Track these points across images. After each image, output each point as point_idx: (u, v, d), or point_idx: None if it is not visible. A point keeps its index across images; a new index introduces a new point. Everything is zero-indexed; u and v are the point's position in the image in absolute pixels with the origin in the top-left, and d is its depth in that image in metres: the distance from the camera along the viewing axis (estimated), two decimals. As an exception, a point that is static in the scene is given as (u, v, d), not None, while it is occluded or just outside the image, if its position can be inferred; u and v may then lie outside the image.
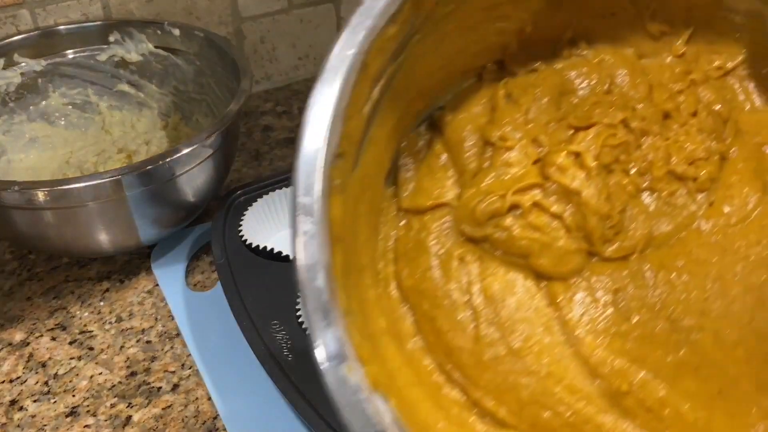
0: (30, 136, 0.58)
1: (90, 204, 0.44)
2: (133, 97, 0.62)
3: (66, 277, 0.52)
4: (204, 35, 0.58)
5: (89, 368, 0.45)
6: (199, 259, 0.54)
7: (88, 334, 0.48)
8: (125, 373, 0.45)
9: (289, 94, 0.75)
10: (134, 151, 0.58)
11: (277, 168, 0.63)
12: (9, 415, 0.42)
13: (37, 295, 0.50)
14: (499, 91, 0.32)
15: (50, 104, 0.60)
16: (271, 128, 0.69)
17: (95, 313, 0.49)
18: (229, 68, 0.56)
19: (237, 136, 0.55)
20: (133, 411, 0.43)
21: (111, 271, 0.52)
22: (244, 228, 0.50)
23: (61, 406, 0.43)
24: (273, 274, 0.47)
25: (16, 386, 0.44)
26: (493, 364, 0.30)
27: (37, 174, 0.57)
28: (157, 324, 0.48)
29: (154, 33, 0.60)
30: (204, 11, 0.67)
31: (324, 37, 0.76)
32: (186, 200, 0.49)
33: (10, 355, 0.46)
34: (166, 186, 0.46)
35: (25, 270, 0.53)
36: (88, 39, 0.59)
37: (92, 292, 0.51)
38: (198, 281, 0.52)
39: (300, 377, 0.40)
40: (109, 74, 0.61)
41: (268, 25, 0.71)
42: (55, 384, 0.44)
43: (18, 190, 0.42)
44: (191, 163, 0.47)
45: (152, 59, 0.61)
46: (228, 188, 0.57)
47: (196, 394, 0.44)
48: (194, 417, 0.42)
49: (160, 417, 0.42)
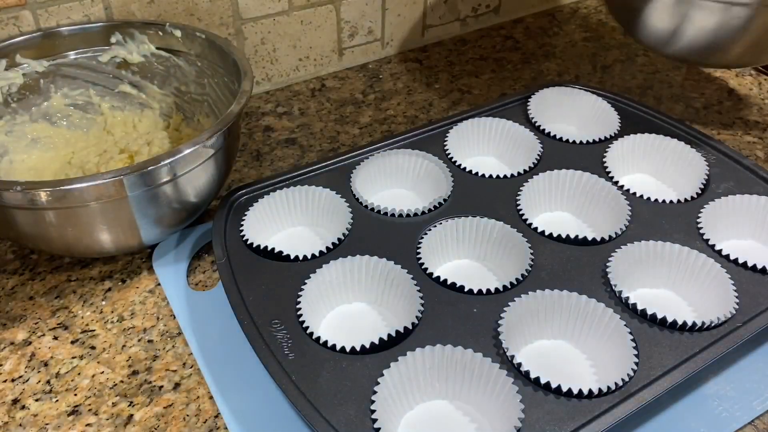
0: (32, 137, 0.59)
1: (92, 204, 0.44)
2: (134, 98, 0.63)
3: (68, 277, 0.52)
4: (205, 36, 0.58)
5: (91, 367, 0.45)
6: (201, 258, 0.54)
7: (89, 334, 0.48)
8: (127, 372, 0.45)
9: (289, 94, 0.75)
10: (136, 152, 0.58)
11: (277, 168, 0.64)
12: (11, 414, 0.43)
13: (39, 295, 0.51)
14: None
15: (52, 105, 0.60)
16: (272, 129, 0.70)
17: (97, 313, 0.49)
18: (230, 69, 0.56)
19: (238, 137, 0.55)
20: (134, 410, 0.43)
21: (113, 270, 0.53)
22: (246, 228, 0.51)
23: (63, 405, 0.43)
24: (274, 273, 0.47)
25: (18, 385, 0.44)
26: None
27: (39, 174, 0.57)
28: (159, 323, 0.49)
29: (156, 34, 0.60)
30: (205, 12, 0.67)
31: (324, 38, 0.76)
32: (187, 200, 0.49)
33: (12, 354, 0.46)
34: (168, 186, 0.47)
35: (27, 270, 0.53)
36: (90, 40, 0.59)
37: (94, 291, 0.51)
38: (199, 281, 0.52)
39: (300, 376, 0.40)
40: (111, 75, 0.61)
41: (268, 27, 0.72)
42: (57, 383, 0.45)
43: (20, 191, 0.42)
44: (193, 163, 0.47)
45: (154, 60, 0.61)
46: (229, 188, 0.57)
47: (198, 393, 0.44)
48: (195, 416, 0.43)
49: (161, 416, 0.43)
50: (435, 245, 0.50)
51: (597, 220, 0.54)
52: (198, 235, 0.55)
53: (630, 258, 0.48)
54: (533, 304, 0.44)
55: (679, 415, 0.42)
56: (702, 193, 0.55)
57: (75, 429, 0.42)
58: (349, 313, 0.47)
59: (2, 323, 0.49)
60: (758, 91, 0.76)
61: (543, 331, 0.45)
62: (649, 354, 0.42)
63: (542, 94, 0.65)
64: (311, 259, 0.49)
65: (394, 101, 0.74)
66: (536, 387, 0.40)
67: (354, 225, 0.51)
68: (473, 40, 0.87)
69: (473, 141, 0.62)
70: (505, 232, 0.50)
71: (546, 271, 0.48)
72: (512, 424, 0.38)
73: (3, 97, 0.57)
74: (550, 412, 0.39)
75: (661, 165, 0.59)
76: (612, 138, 0.61)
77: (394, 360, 0.40)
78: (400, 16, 0.81)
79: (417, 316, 0.44)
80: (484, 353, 0.41)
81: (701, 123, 0.71)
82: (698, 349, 0.42)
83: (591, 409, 0.39)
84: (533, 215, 0.54)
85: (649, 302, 0.46)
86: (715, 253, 0.49)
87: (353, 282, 0.47)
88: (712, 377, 0.44)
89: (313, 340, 0.43)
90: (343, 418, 0.38)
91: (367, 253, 0.48)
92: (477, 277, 0.50)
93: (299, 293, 0.45)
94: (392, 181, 0.58)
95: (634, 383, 0.40)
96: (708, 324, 0.43)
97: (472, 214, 0.51)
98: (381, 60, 0.82)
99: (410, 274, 0.46)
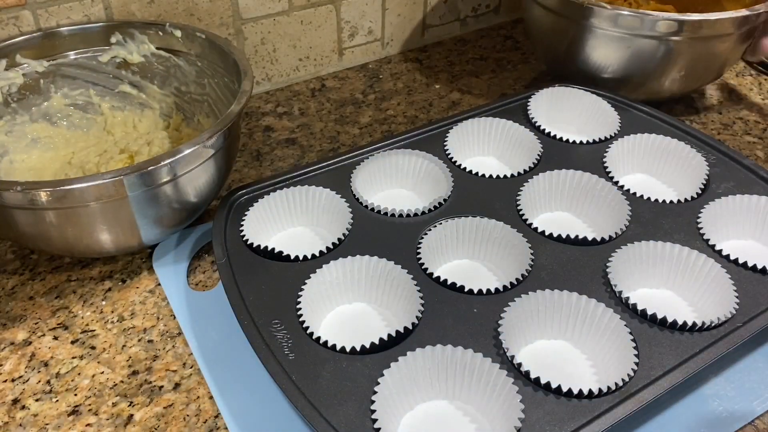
0: (32, 137, 0.59)
1: (92, 204, 0.44)
2: (134, 98, 0.63)
3: (68, 277, 0.52)
4: (205, 36, 0.58)
5: (91, 367, 0.46)
6: (201, 258, 0.54)
7: (90, 334, 0.48)
8: (127, 372, 0.45)
9: (289, 94, 0.75)
10: (136, 152, 0.58)
11: (278, 168, 0.64)
12: (11, 414, 0.43)
13: (40, 295, 0.51)
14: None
15: (52, 105, 0.60)
16: (272, 129, 0.70)
17: (97, 313, 0.49)
18: (230, 69, 0.56)
19: (238, 137, 0.55)
20: (134, 410, 0.43)
21: (113, 270, 0.53)
22: (246, 228, 0.51)
23: (63, 405, 0.43)
24: (274, 273, 0.47)
25: (19, 385, 0.44)
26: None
27: (39, 174, 0.57)
28: (159, 323, 0.49)
29: (156, 34, 0.60)
30: (205, 13, 0.67)
31: (324, 38, 0.76)
32: (187, 200, 0.49)
33: (12, 355, 0.46)
34: (168, 186, 0.47)
35: (27, 270, 0.53)
36: (90, 40, 0.59)
37: (94, 291, 0.51)
38: (199, 281, 0.52)
39: (301, 376, 0.40)
40: (111, 75, 0.61)
41: (268, 27, 0.72)
42: (57, 383, 0.45)
43: (20, 191, 0.42)
44: (193, 163, 0.47)
45: (154, 60, 0.61)
46: (229, 188, 0.57)
47: (198, 393, 0.44)
48: (196, 416, 0.43)
49: (161, 416, 0.43)
50: (435, 245, 0.50)
51: (597, 220, 0.54)
52: (198, 235, 0.55)
53: (630, 258, 0.48)
54: (533, 304, 0.44)
55: (679, 415, 0.42)
56: (702, 193, 0.55)
57: (75, 429, 0.42)
58: (349, 313, 0.47)
59: (2, 323, 0.49)
60: (758, 91, 0.76)
61: (543, 331, 0.45)
62: (649, 354, 0.42)
63: (542, 94, 0.65)
64: (311, 259, 0.49)
65: (394, 101, 0.74)
66: (536, 387, 0.40)
67: (354, 225, 0.51)
68: (473, 40, 0.87)
69: (473, 141, 0.62)
70: (505, 232, 0.50)
71: (546, 271, 0.48)
72: (512, 424, 0.38)
73: (3, 97, 0.57)
74: (550, 412, 0.39)
75: (661, 165, 0.59)
76: (612, 138, 0.61)
77: (394, 360, 0.40)
78: (400, 16, 0.81)
79: (417, 316, 0.44)
80: (484, 353, 0.41)
81: (701, 123, 0.71)
82: (698, 350, 0.42)
83: (591, 409, 0.39)
84: (533, 215, 0.54)
85: (649, 302, 0.46)
86: (715, 253, 0.49)
87: (353, 282, 0.47)
88: (712, 377, 0.44)
89: (313, 340, 0.43)
90: (343, 418, 0.38)
91: (367, 254, 0.48)
92: (477, 277, 0.50)
93: (299, 293, 0.45)
94: (392, 181, 0.58)
95: (634, 383, 0.40)
96: (708, 324, 0.43)
97: (472, 214, 0.51)
98: (381, 60, 0.82)
99: (410, 274, 0.46)
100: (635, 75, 0.65)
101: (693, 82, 0.67)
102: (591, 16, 0.62)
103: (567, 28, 0.65)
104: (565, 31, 0.66)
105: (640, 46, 0.62)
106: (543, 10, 0.67)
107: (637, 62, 0.64)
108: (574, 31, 0.65)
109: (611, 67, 0.65)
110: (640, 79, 0.65)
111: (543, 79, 0.78)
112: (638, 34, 0.61)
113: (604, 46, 0.64)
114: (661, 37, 0.61)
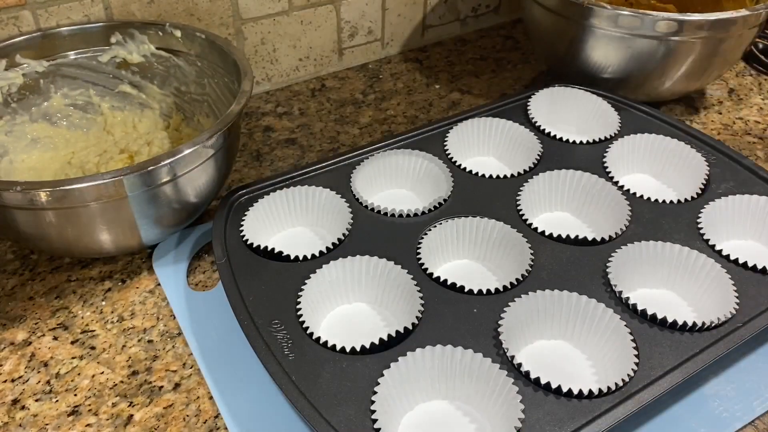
0: (32, 137, 0.59)
1: (92, 204, 0.44)
2: (134, 98, 0.63)
3: (68, 277, 0.52)
4: (205, 36, 0.58)
5: (91, 367, 0.45)
6: (201, 258, 0.54)
7: (89, 334, 0.48)
8: (127, 372, 0.45)
9: (289, 95, 0.75)
10: (136, 152, 0.58)
11: (277, 168, 0.64)
12: (11, 415, 0.43)
13: (39, 295, 0.51)
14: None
15: (52, 105, 0.60)
16: (272, 129, 0.70)
17: (97, 313, 0.49)
18: (230, 69, 0.56)
19: (238, 137, 0.55)
20: (134, 410, 0.43)
21: (113, 270, 0.53)
22: (246, 228, 0.51)
23: (63, 406, 0.43)
24: (274, 273, 0.47)
25: (18, 385, 0.44)
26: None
27: (39, 174, 0.57)
28: (159, 323, 0.49)
29: (156, 34, 0.60)
30: (205, 13, 0.67)
31: (324, 38, 0.76)
32: (187, 200, 0.49)
33: (12, 355, 0.46)
34: (168, 186, 0.47)
35: (27, 270, 0.53)
36: (90, 40, 0.59)
37: (94, 291, 0.51)
38: (199, 281, 0.52)
39: (300, 376, 0.40)
40: (111, 75, 0.61)
41: (268, 27, 0.72)
42: (57, 383, 0.45)
43: (20, 191, 0.42)
44: (193, 163, 0.47)
45: (154, 60, 0.61)
46: (229, 188, 0.57)
47: (198, 393, 0.44)
48: (195, 416, 0.43)
49: (161, 416, 0.43)
50: (435, 245, 0.50)
51: (597, 220, 0.54)
52: (198, 235, 0.55)
53: (630, 258, 0.48)
54: (533, 305, 0.44)
55: (679, 415, 0.42)
56: (702, 193, 0.55)
57: (75, 429, 0.42)
58: (349, 314, 0.47)
59: (2, 323, 0.49)
60: (758, 91, 0.76)
61: (543, 331, 0.45)
62: (649, 354, 0.42)
63: (542, 94, 0.65)
64: (311, 259, 0.49)
65: (394, 101, 0.74)
66: (536, 387, 0.40)
67: (354, 225, 0.51)
68: (473, 40, 0.87)
69: (473, 141, 0.62)
70: (505, 232, 0.50)
71: (546, 271, 0.48)
72: (512, 424, 0.38)
73: (3, 97, 0.57)
74: (550, 412, 0.39)
75: (661, 165, 0.59)
76: (612, 138, 0.61)
77: (394, 360, 0.40)
78: (400, 16, 0.81)
79: (417, 316, 0.44)
80: (484, 353, 0.41)
81: (701, 123, 0.71)
82: (698, 350, 0.42)
83: (591, 409, 0.39)
84: (533, 215, 0.54)
85: (649, 302, 0.46)
86: (716, 254, 0.49)
87: (353, 282, 0.47)
88: (712, 377, 0.44)
89: (313, 341, 0.43)
90: (343, 418, 0.38)
91: (367, 254, 0.48)
92: (477, 277, 0.50)
93: (299, 293, 0.45)
94: (392, 181, 0.58)
95: (634, 383, 0.40)
96: (708, 324, 0.43)
97: (472, 215, 0.51)
98: (381, 60, 0.82)
99: (410, 274, 0.46)
100: (635, 75, 0.65)
101: (693, 82, 0.67)
102: (591, 16, 0.62)
103: (567, 28, 0.65)
104: (565, 31, 0.66)
105: (640, 46, 0.62)
106: (543, 10, 0.67)
107: (637, 62, 0.64)
108: (574, 32, 0.65)
109: (611, 67, 0.65)
110: (640, 79, 0.65)
111: (543, 80, 0.78)
112: (638, 34, 0.61)
113: (604, 46, 0.64)
114: (661, 37, 0.61)
